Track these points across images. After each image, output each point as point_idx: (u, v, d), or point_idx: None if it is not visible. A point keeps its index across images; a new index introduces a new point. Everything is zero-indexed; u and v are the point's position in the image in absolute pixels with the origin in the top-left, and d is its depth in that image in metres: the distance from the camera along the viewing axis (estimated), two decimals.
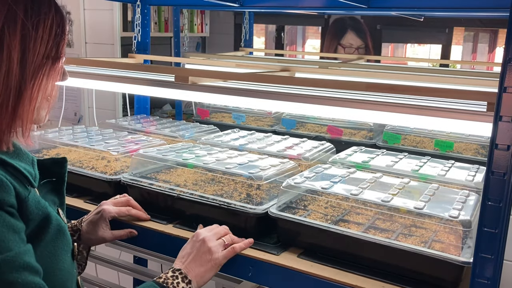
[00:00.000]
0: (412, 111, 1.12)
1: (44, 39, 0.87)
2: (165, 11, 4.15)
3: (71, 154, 1.69)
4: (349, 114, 1.25)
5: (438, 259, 1.04)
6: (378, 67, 2.11)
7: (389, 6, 1.97)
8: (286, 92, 1.32)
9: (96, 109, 2.39)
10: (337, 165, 1.52)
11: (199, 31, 4.65)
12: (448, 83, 1.69)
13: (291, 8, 2.41)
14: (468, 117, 1.06)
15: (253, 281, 1.21)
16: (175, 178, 1.45)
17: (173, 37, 2.89)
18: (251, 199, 1.30)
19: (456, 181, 1.37)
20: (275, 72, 1.79)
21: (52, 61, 0.90)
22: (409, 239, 1.11)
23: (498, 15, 2.24)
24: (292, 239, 1.23)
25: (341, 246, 1.16)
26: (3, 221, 0.78)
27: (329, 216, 1.21)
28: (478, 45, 6.32)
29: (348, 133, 2.03)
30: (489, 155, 0.90)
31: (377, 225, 1.17)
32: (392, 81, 1.74)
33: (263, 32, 6.12)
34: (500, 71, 0.87)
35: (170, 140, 1.86)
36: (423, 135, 1.89)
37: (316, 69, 2.00)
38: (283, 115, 2.21)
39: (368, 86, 1.27)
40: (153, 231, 1.33)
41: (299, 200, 1.30)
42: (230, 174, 1.37)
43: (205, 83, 1.47)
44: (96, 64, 1.85)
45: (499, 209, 0.90)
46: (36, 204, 0.87)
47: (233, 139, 1.81)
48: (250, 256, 1.19)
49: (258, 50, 3.59)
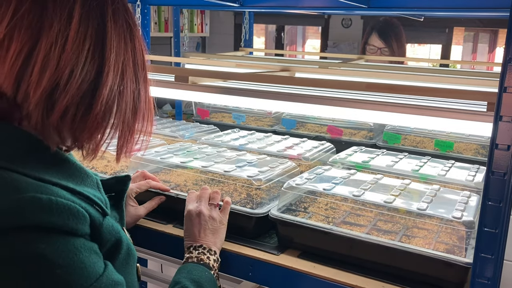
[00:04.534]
0: (412, 111, 1.12)
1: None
2: (165, 11, 4.16)
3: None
4: (349, 114, 1.25)
5: (443, 261, 1.03)
6: (378, 67, 2.11)
7: (389, 6, 1.97)
8: (286, 92, 1.32)
9: None
10: (337, 165, 1.52)
11: (199, 31, 4.66)
12: (448, 83, 1.69)
13: (291, 8, 2.41)
14: (468, 117, 1.06)
15: (253, 281, 1.21)
16: (175, 178, 1.45)
17: (173, 37, 2.89)
18: (251, 199, 1.30)
19: (456, 181, 1.37)
20: (275, 72, 1.79)
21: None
22: (412, 241, 1.10)
23: (498, 15, 2.25)
24: (293, 241, 1.23)
25: (345, 249, 1.15)
26: (83, 245, 0.74)
27: (330, 218, 1.21)
28: (478, 45, 6.32)
29: (348, 133, 2.03)
30: (489, 155, 0.90)
31: (380, 227, 1.17)
32: (392, 81, 1.74)
33: (263, 32, 6.13)
34: (500, 71, 0.87)
35: (170, 140, 1.86)
36: (423, 135, 1.89)
37: (316, 69, 2.00)
38: (283, 115, 2.21)
39: (368, 86, 1.27)
40: (153, 231, 1.33)
41: (300, 201, 1.29)
42: (230, 175, 1.37)
43: (205, 83, 1.47)
44: None
45: (499, 209, 0.90)
46: (110, 229, 0.83)
47: (233, 139, 1.81)
48: (250, 256, 1.19)
49: (258, 50, 3.59)
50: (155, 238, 1.32)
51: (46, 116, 0.75)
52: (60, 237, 0.71)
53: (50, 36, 0.74)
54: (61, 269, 0.69)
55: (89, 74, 0.77)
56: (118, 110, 0.82)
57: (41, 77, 0.73)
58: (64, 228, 0.71)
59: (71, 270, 0.70)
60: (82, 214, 0.74)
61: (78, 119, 0.78)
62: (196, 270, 1.06)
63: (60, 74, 0.74)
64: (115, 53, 0.80)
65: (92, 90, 0.78)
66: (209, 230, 1.17)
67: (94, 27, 0.78)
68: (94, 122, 0.79)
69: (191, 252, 1.12)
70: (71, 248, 0.71)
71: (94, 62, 0.77)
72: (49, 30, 0.74)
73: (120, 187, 1.00)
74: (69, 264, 0.70)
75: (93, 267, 0.73)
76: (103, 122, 0.81)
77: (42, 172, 0.75)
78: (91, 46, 0.77)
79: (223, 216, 1.21)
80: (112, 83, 0.79)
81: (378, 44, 2.76)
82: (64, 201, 0.72)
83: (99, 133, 0.82)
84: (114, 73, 0.80)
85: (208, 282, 1.05)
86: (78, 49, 0.76)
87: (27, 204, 0.69)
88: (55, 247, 0.70)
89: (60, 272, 0.69)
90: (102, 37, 0.79)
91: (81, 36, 0.76)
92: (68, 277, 0.70)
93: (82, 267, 0.71)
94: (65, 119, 0.77)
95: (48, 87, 0.74)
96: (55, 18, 0.74)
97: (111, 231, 0.82)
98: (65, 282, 0.69)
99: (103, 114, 0.79)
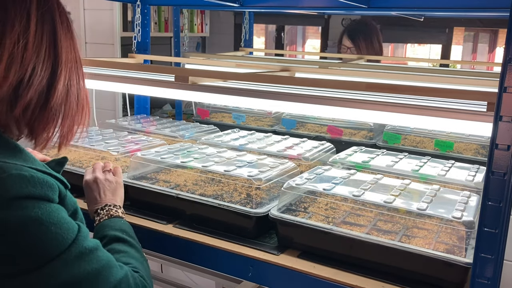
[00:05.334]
0: (412, 111, 1.12)
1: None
2: (165, 11, 4.15)
3: (71, 154, 1.69)
4: (349, 114, 1.25)
5: (443, 261, 1.04)
6: (378, 67, 2.11)
7: (389, 6, 1.97)
8: (286, 92, 1.32)
9: (96, 109, 2.39)
10: (337, 165, 1.52)
11: (199, 31, 4.66)
12: (448, 83, 1.69)
13: (291, 8, 2.41)
14: (468, 117, 1.05)
15: (253, 281, 1.21)
16: (175, 178, 1.45)
17: (173, 37, 2.88)
18: (251, 199, 1.30)
19: (456, 181, 1.37)
20: (275, 72, 1.79)
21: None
22: (412, 241, 1.10)
23: (498, 15, 2.25)
24: (292, 241, 1.23)
25: (345, 249, 1.15)
26: (59, 208, 0.89)
27: (330, 218, 1.21)
28: (478, 45, 6.32)
29: (348, 133, 2.03)
30: (489, 155, 0.90)
31: (380, 227, 1.17)
32: (392, 81, 1.73)
33: (263, 32, 6.12)
34: (500, 71, 0.87)
35: (170, 140, 1.86)
36: (423, 135, 1.89)
37: (316, 69, 1.99)
38: (283, 115, 2.21)
39: (368, 86, 1.27)
40: (153, 231, 1.33)
41: (300, 201, 1.29)
42: (230, 175, 1.37)
43: (205, 83, 1.46)
44: (96, 64, 1.85)
45: (499, 209, 0.90)
46: (70, 200, 0.97)
47: (233, 139, 1.81)
48: (250, 256, 1.19)
49: (258, 50, 3.59)
50: (155, 238, 1.32)
51: (10, 110, 0.87)
52: (46, 203, 0.86)
53: (13, 36, 0.85)
54: (54, 226, 0.85)
55: (47, 71, 0.90)
56: (67, 103, 0.95)
57: (7, 74, 0.84)
58: (46, 197, 0.86)
59: (60, 225, 0.86)
60: (54, 185, 0.89)
61: (36, 112, 0.90)
62: (113, 222, 1.18)
63: (23, 71, 0.86)
64: (65, 52, 0.93)
65: (49, 86, 0.90)
66: (108, 191, 1.28)
67: (48, 28, 0.91)
68: (50, 114, 0.92)
69: (99, 214, 1.21)
70: (55, 210, 0.87)
71: (50, 60, 0.90)
72: (12, 31, 0.85)
73: (59, 168, 1.06)
74: (58, 221, 0.86)
75: (73, 223, 0.90)
76: (57, 114, 0.94)
77: (8, 158, 0.86)
78: (47, 46, 0.90)
79: (118, 178, 1.34)
80: (64, 79, 0.93)
81: (347, 44, 2.89)
82: (41, 176, 0.86)
83: (52, 126, 0.94)
84: (65, 70, 0.93)
85: (128, 227, 1.18)
86: (38, 48, 0.88)
87: (16, 180, 0.83)
88: (45, 210, 0.85)
89: (53, 228, 0.85)
90: (55, 38, 0.92)
91: (39, 36, 0.89)
92: (60, 231, 0.86)
93: (67, 222, 0.88)
94: (26, 113, 0.89)
95: (14, 82, 0.85)
96: (15, 19, 0.86)
97: (71, 201, 0.98)
98: (60, 235, 0.85)
99: (55, 108, 0.92)
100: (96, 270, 0.89)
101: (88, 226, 1.20)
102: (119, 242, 1.11)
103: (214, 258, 1.24)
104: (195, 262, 1.28)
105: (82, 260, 0.88)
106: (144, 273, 1.04)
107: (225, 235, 1.27)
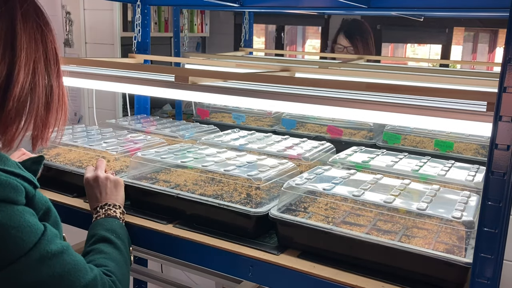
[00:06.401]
0: (412, 111, 1.12)
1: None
2: (165, 11, 4.15)
3: (71, 154, 1.69)
4: (349, 114, 1.25)
5: (443, 261, 1.03)
6: (378, 67, 2.11)
7: (389, 6, 1.97)
8: (286, 92, 1.32)
9: (96, 109, 2.39)
10: (337, 165, 1.52)
11: (199, 31, 4.66)
12: (448, 83, 1.69)
13: (291, 8, 2.41)
14: (468, 117, 1.05)
15: (253, 281, 1.21)
16: (175, 178, 1.45)
17: (173, 37, 2.88)
18: (251, 199, 1.30)
19: (456, 181, 1.37)
20: (275, 72, 1.79)
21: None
22: (412, 241, 1.10)
23: (498, 15, 2.25)
24: (292, 241, 1.23)
25: (345, 249, 1.15)
26: (24, 210, 0.87)
27: (330, 218, 1.21)
28: (478, 45, 6.32)
29: (348, 133, 2.03)
30: (489, 155, 0.90)
31: (380, 227, 1.17)
32: (392, 81, 1.74)
33: (263, 32, 6.12)
34: (500, 71, 0.87)
35: (170, 140, 1.86)
36: (423, 135, 1.89)
37: (316, 69, 1.99)
38: (283, 115, 2.21)
39: (368, 86, 1.27)
40: (153, 231, 1.33)
41: (300, 201, 1.29)
42: (230, 175, 1.37)
43: (205, 83, 1.46)
44: (96, 64, 1.85)
45: (499, 209, 0.90)
46: (40, 200, 0.95)
47: (233, 139, 1.81)
48: (250, 256, 1.19)
49: (258, 50, 3.59)
50: (155, 238, 1.32)
51: None
52: (7, 205, 0.85)
53: None
54: (15, 230, 0.84)
55: (2, 72, 0.86)
56: (31, 105, 0.92)
57: None
58: (8, 199, 0.85)
59: (21, 229, 0.85)
60: (19, 187, 0.87)
61: None
62: (107, 221, 1.20)
63: None
64: (26, 53, 0.89)
65: (3, 89, 0.87)
66: (108, 190, 1.30)
67: (4, 30, 0.87)
68: (8, 117, 0.89)
69: (98, 212, 1.24)
70: (17, 212, 0.86)
71: (4, 63, 0.87)
72: None
73: (36, 167, 1.05)
74: (19, 224, 0.85)
75: (36, 225, 0.88)
76: (17, 117, 0.90)
77: None
78: (1, 49, 0.86)
79: (117, 177, 1.36)
80: (23, 81, 0.89)
81: (344, 43, 2.91)
82: (4, 178, 0.85)
83: (14, 127, 0.91)
84: (25, 72, 0.89)
85: (120, 228, 1.20)
86: None
87: None
88: (6, 213, 0.84)
89: (14, 232, 0.84)
90: (12, 39, 0.88)
91: None
92: (21, 235, 0.85)
93: (30, 225, 0.87)
94: None
95: None
96: None
97: (42, 201, 0.95)
98: (20, 238, 0.84)
99: (16, 110, 0.89)
100: (59, 274, 0.89)
101: (87, 223, 1.21)
102: (105, 242, 1.12)
103: (214, 258, 1.24)
104: (195, 262, 1.28)
105: (44, 264, 0.87)
106: (119, 277, 1.04)
107: (225, 235, 1.27)
